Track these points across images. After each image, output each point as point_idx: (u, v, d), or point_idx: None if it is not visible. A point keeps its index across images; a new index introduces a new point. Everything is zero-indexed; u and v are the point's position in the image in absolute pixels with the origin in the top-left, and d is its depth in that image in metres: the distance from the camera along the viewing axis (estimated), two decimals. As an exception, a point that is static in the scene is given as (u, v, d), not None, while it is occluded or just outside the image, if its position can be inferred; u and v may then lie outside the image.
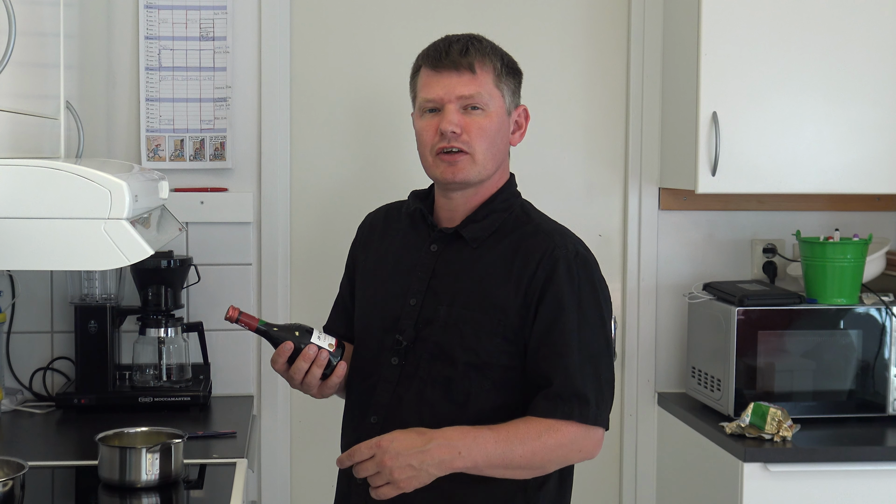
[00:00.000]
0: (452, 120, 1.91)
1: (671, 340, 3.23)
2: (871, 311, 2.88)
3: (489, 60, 1.94)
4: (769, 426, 2.68)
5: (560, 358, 1.87)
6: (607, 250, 3.21)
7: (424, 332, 1.94)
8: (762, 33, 2.84)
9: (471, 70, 1.92)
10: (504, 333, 1.90)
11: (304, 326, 1.96)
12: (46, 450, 2.55)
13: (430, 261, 1.99)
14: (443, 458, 1.81)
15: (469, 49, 1.93)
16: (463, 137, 1.92)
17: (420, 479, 1.81)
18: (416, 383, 1.94)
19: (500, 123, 1.96)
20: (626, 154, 3.20)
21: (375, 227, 2.15)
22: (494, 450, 1.82)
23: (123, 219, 1.72)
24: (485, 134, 1.93)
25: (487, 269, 1.94)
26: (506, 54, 2.00)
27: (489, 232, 1.97)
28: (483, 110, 1.93)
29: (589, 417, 1.86)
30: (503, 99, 1.96)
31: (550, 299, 1.89)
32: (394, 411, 1.95)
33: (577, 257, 1.93)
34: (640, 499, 3.22)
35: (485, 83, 1.93)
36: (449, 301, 1.94)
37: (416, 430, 1.84)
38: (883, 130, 2.89)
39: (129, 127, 3.00)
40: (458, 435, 1.83)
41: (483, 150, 1.94)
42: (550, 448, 1.85)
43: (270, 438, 3.10)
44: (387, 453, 1.79)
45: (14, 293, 2.95)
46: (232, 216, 3.04)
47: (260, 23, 3.03)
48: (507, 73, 1.98)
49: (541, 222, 2.00)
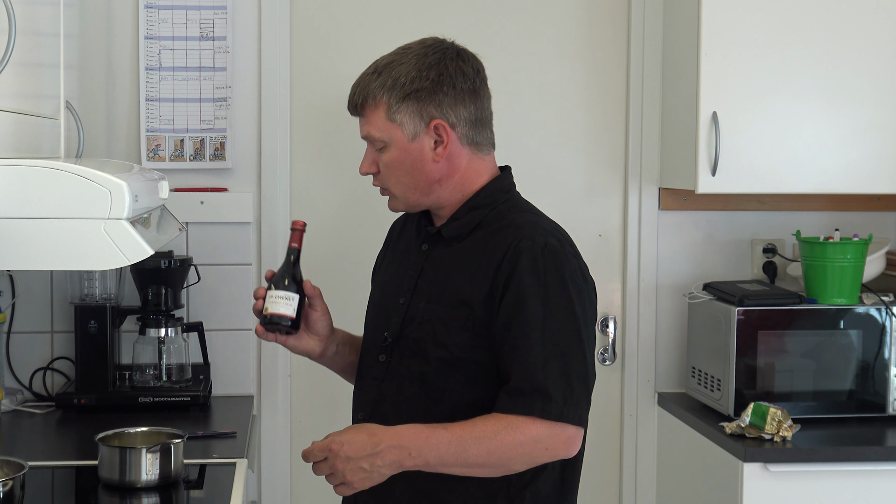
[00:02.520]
0: (364, 162, 2.00)
1: (671, 340, 3.23)
2: (871, 311, 2.88)
3: (380, 96, 1.94)
4: (769, 426, 2.68)
5: (519, 351, 1.84)
6: (607, 250, 3.21)
7: (407, 329, 1.95)
8: (762, 33, 2.84)
9: (360, 113, 1.98)
10: (473, 328, 1.88)
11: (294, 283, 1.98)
12: (46, 450, 2.56)
13: (420, 260, 2.01)
14: (393, 460, 1.80)
15: (356, 93, 1.98)
16: (379, 176, 1.99)
17: (373, 480, 1.82)
18: (397, 380, 1.95)
19: (404, 154, 1.95)
20: (626, 154, 3.20)
21: (394, 232, 2.19)
22: (447, 449, 1.80)
23: (123, 219, 1.73)
24: (390, 170, 1.96)
25: (460, 264, 1.94)
26: (402, 78, 1.94)
27: (469, 229, 1.96)
28: (384, 147, 1.95)
29: (552, 413, 1.81)
30: (402, 129, 1.94)
31: (513, 291, 1.85)
32: (377, 407, 1.97)
33: (545, 248, 1.87)
34: (640, 499, 3.22)
35: (375, 121, 1.95)
36: (427, 298, 1.95)
37: (367, 430, 1.83)
38: (883, 130, 2.89)
39: (129, 127, 3.00)
40: (410, 435, 1.82)
41: (395, 184, 1.97)
42: (508, 446, 1.81)
43: (270, 438, 3.11)
44: (338, 458, 1.80)
45: (14, 293, 2.95)
46: (232, 216, 3.04)
47: (260, 23, 3.03)
48: (404, 99, 1.93)
49: (517, 216, 1.97)
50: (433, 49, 1.96)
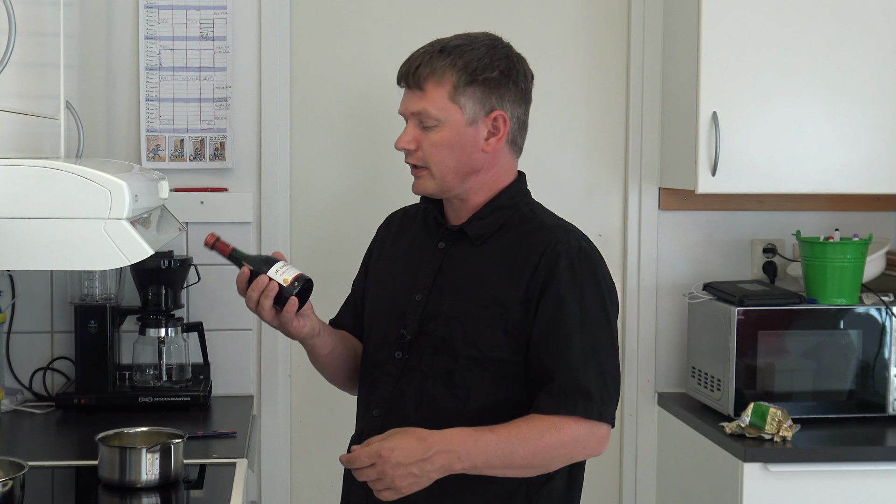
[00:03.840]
0: (403, 138, 1.97)
1: (671, 340, 3.23)
2: (871, 311, 2.88)
3: (446, 74, 1.93)
4: (769, 426, 2.68)
5: (562, 353, 1.87)
6: (607, 250, 3.20)
7: (428, 326, 1.95)
8: (762, 33, 2.84)
9: (419, 88, 1.95)
10: (505, 328, 1.90)
11: (272, 259, 1.96)
12: (46, 450, 2.56)
13: (436, 257, 2.01)
14: (443, 464, 1.81)
15: (420, 67, 1.94)
16: (418, 154, 1.96)
17: (421, 484, 1.81)
18: (418, 377, 1.95)
19: (456, 137, 1.94)
20: (626, 154, 3.20)
21: (391, 226, 2.18)
22: (495, 452, 1.82)
23: (123, 219, 1.73)
24: (436, 149, 1.94)
25: (490, 264, 1.95)
26: (473, 63, 1.94)
27: (493, 229, 1.98)
28: (436, 126, 1.94)
29: (593, 413, 1.86)
30: (462, 111, 1.94)
31: (552, 294, 1.89)
32: (395, 405, 1.96)
33: (580, 252, 1.93)
34: (640, 499, 3.22)
35: (434, 99, 1.93)
36: (452, 296, 1.95)
37: (416, 434, 1.82)
38: (883, 130, 2.89)
39: (129, 127, 3.00)
40: (459, 439, 1.83)
41: (438, 165, 1.95)
42: (552, 447, 1.85)
43: (270, 438, 3.10)
44: (388, 463, 1.78)
45: (14, 293, 2.95)
46: (232, 216, 3.04)
47: (260, 23, 3.03)
48: (472, 83, 1.94)
49: (545, 218, 2.01)
50: (500, 43, 2.01)
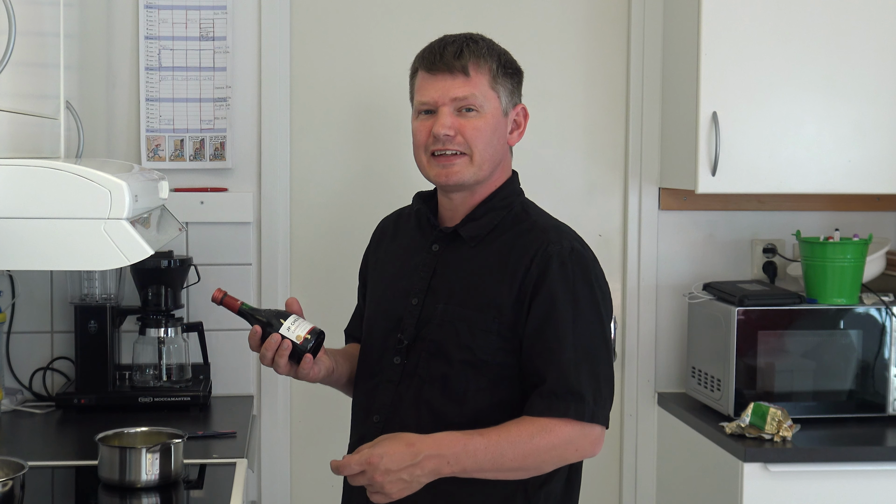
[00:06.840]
0: (445, 123, 1.92)
1: (671, 340, 3.23)
2: (871, 311, 2.88)
3: (484, 62, 1.94)
4: (769, 426, 2.68)
5: (553, 354, 1.86)
6: (607, 250, 3.21)
7: (424, 331, 1.94)
8: (762, 33, 2.84)
9: (464, 73, 1.93)
10: (499, 331, 1.90)
11: (282, 313, 1.96)
12: (46, 450, 2.55)
13: (431, 260, 1.99)
14: (432, 469, 1.81)
15: (463, 51, 1.93)
16: (458, 139, 1.93)
17: (412, 489, 1.82)
18: (416, 382, 1.94)
19: (496, 124, 1.96)
20: (626, 154, 3.20)
21: (386, 231, 2.17)
22: (485, 455, 1.82)
23: (123, 219, 1.72)
24: (480, 134, 1.93)
25: (484, 266, 1.94)
26: (504, 54, 2.00)
27: (487, 230, 1.97)
28: (478, 111, 1.93)
29: (585, 415, 1.85)
30: (499, 100, 1.96)
31: (544, 295, 1.88)
32: (395, 410, 1.95)
33: (572, 253, 1.91)
34: (640, 499, 3.22)
35: (479, 85, 1.93)
36: (446, 300, 1.94)
37: (405, 440, 1.82)
38: (883, 130, 2.89)
39: (129, 127, 3.00)
40: (448, 443, 1.82)
41: (480, 151, 1.94)
42: (543, 449, 1.84)
43: (270, 438, 3.10)
44: (377, 471, 1.78)
45: (14, 293, 2.95)
46: (232, 216, 3.04)
47: (260, 23, 3.03)
48: (504, 74, 1.97)
49: (538, 219, 2.00)
50: None
